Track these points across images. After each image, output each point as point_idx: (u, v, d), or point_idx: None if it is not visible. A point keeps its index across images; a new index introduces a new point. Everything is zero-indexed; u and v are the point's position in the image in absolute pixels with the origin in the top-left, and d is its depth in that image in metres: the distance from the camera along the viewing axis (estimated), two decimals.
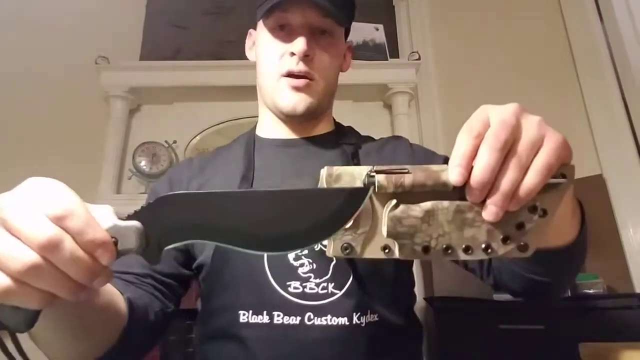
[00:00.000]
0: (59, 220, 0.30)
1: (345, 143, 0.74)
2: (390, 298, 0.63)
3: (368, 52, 1.87)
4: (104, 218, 0.32)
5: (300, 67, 0.68)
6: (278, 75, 0.69)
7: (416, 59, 1.84)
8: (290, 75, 0.68)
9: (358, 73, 1.77)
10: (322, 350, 0.56)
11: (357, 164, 0.71)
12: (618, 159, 1.52)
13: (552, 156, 0.34)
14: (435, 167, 0.37)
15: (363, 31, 1.91)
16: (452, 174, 0.35)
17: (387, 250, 0.37)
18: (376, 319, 0.60)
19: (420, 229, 0.36)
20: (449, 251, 0.36)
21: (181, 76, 1.76)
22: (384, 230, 0.37)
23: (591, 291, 1.27)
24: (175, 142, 1.74)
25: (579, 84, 1.68)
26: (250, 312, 0.58)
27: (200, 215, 0.33)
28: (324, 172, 0.38)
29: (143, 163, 1.67)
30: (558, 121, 1.63)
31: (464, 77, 1.89)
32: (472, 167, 0.34)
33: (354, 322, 0.58)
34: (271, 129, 0.77)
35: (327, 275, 0.59)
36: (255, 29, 0.78)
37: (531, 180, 0.34)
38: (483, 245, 0.36)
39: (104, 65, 1.76)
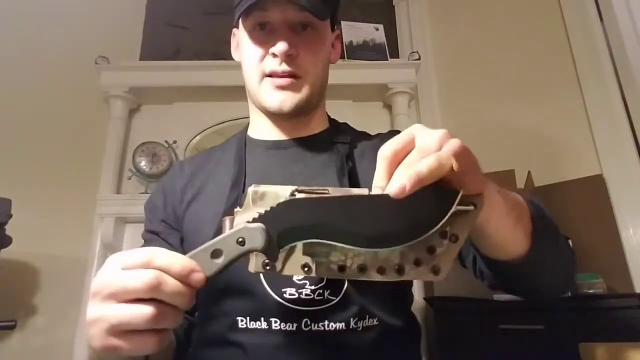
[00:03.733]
0: (147, 265, 0.35)
1: (340, 142, 0.73)
2: (388, 301, 0.62)
3: (368, 52, 1.87)
4: (237, 225, 0.38)
5: (284, 67, 0.66)
6: (261, 75, 0.68)
7: (416, 59, 1.83)
8: (273, 74, 0.67)
9: (358, 73, 1.77)
10: (320, 356, 0.56)
11: (352, 165, 0.70)
12: (618, 159, 1.52)
13: (436, 158, 0.35)
14: (355, 190, 0.40)
15: (363, 31, 1.91)
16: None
17: (306, 269, 0.39)
18: (375, 322, 0.60)
19: (335, 247, 0.38)
20: (363, 271, 0.39)
21: (181, 76, 1.76)
22: (300, 247, 0.39)
23: (591, 291, 1.27)
24: (175, 142, 1.74)
25: (579, 85, 1.68)
26: (248, 318, 0.58)
27: (314, 218, 0.37)
28: (250, 190, 0.40)
29: (143, 163, 1.67)
30: (558, 121, 1.62)
31: (464, 77, 1.89)
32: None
33: (351, 327, 0.57)
34: (262, 129, 0.75)
35: (322, 282, 0.59)
36: (237, 28, 0.75)
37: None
38: (396, 267, 0.38)
39: (104, 65, 1.76)
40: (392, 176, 0.37)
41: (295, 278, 0.59)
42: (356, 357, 0.57)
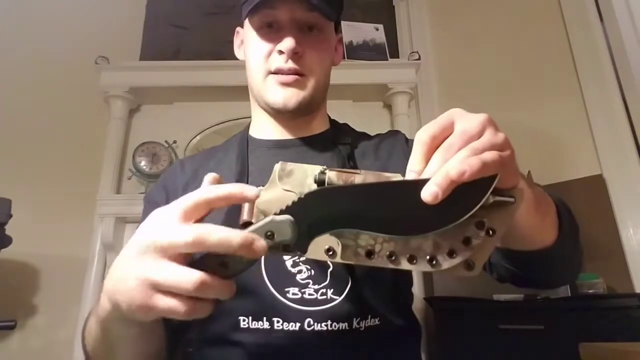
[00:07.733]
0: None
1: (341, 143, 0.73)
2: (390, 301, 0.62)
3: (368, 52, 1.87)
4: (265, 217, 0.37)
5: (290, 64, 0.66)
6: (266, 73, 0.68)
7: (416, 59, 1.84)
8: (278, 72, 0.67)
9: (358, 73, 1.77)
10: (322, 356, 0.56)
11: (354, 165, 0.70)
12: (618, 159, 1.52)
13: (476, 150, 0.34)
14: (387, 174, 0.38)
15: (363, 31, 1.91)
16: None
17: (330, 253, 0.37)
18: (377, 322, 0.60)
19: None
20: (393, 258, 0.36)
21: (181, 76, 1.76)
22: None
23: (591, 291, 1.27)
24: (175, 142, 1.74)
25: (579, 84, 1.68)
26: (250, 317, 0.58)
27: (344, 208, 0.36)
28: (277, 167, 0.38)
29: (143, 163, 1.67)
30: (558, 121, 1.62)
31: (464, 77, 1.89)
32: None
33: (354, 327, 0.57)
34: (264, 129, 0.75)
35: (325, 281, 0.59)
36: (242, 26, 0.76)
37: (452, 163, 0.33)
38: (428, 257, 0.36)
39: (104, 65, 1.76)
40: (429, 162, 0.35)
41: (298, 278, 0.59)
42: (357, 357, 0.58)
